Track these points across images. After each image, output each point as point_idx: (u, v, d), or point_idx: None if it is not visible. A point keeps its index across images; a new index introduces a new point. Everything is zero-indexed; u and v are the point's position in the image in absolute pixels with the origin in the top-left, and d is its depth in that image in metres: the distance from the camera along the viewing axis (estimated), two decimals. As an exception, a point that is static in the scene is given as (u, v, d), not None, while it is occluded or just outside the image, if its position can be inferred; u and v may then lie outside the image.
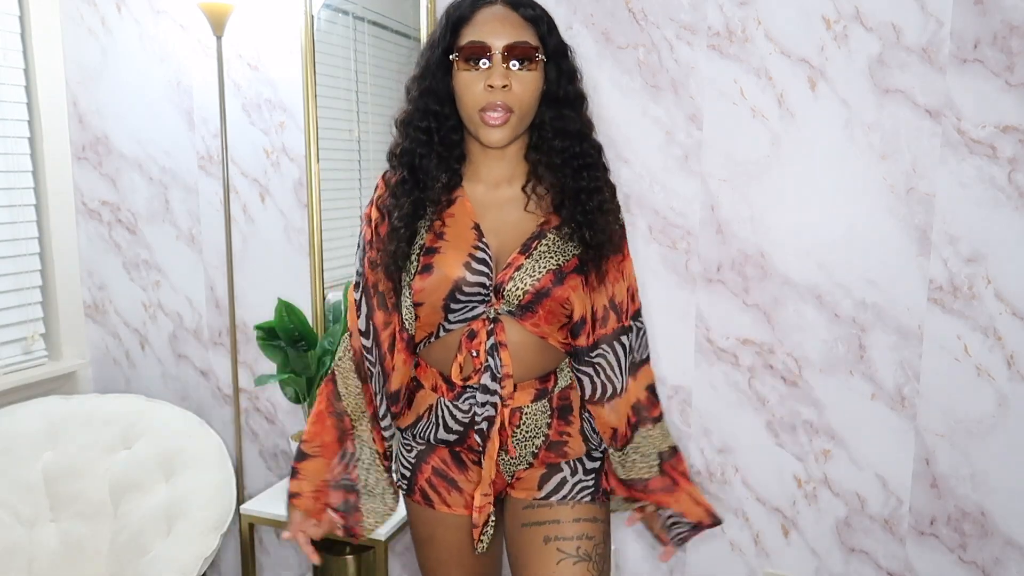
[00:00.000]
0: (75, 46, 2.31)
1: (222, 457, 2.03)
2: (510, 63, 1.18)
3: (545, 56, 1.21)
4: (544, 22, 1.22)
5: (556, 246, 1.24)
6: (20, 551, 1.93)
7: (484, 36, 1.19)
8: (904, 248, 1.67)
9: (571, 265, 1.23)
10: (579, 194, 1.25)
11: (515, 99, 1.19)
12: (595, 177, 1.27)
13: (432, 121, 1.27)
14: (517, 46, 1.18)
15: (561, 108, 1.24)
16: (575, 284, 1.23)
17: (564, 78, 1.24)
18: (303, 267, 2.16)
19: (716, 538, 1.90)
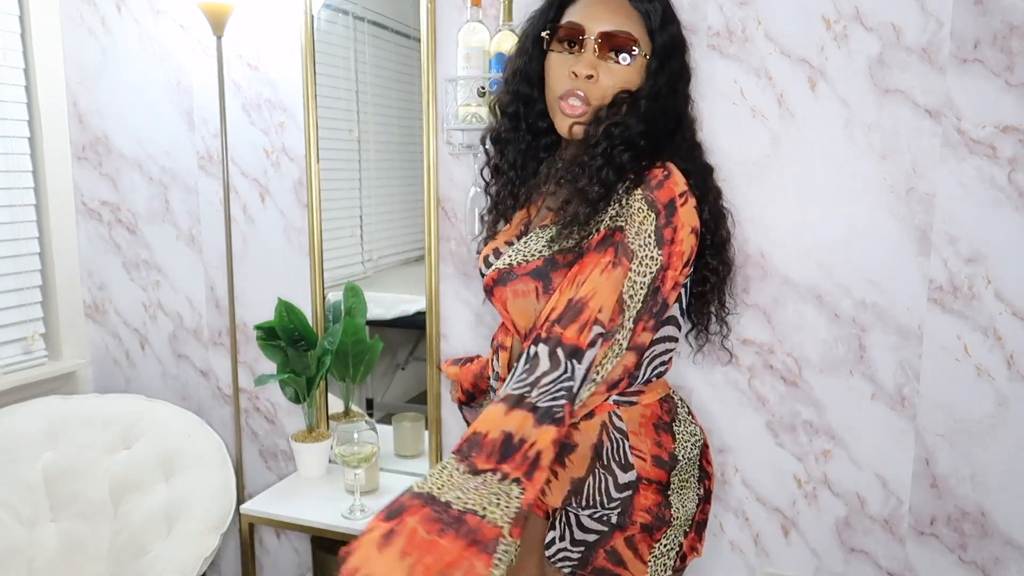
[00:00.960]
0: (75, 46, 2.31)
1: (222, 457, 2.03)
2: (605, 52, 1.09)
3: (650, 52, 1.11)
4: (658, 14, 1.10)
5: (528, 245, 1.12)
6: (20, 551, 1.93)
7: (583, 19, 1.10)
8: (904, 248, 1.67)
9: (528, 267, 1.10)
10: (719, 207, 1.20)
11: (599, 92, 1.10)
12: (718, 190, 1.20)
13: (521, 105, 1.19)
14: (614, 35, 1.09)
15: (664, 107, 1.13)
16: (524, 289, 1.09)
17: (663, 79, 1.12)
18: (303, 267, 2.16)
19: (716, 538, 1.90)
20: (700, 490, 1.19)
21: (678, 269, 1.07)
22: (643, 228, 1.03)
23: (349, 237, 2.22)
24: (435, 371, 2.03)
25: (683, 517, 1.15)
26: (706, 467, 1.22)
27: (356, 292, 2.07)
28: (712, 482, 1.24)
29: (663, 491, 1.12)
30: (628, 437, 1.13)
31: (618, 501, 1.11)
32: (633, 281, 1.03)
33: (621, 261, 1.03)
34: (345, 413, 2.15)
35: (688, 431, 1.20)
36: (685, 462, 1.16)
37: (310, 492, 2.01)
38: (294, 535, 2.29)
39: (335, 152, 2.14)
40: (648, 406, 1.16)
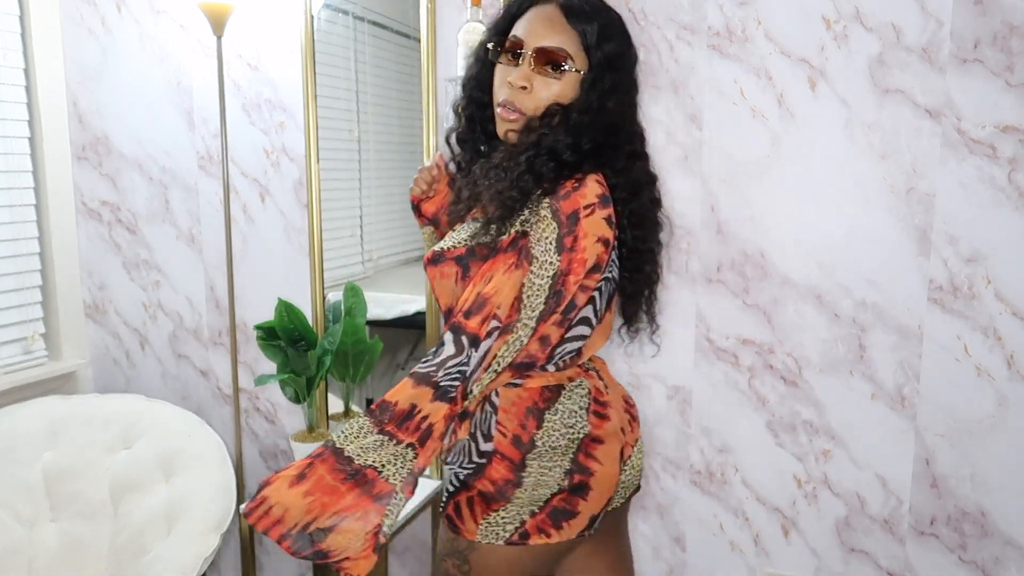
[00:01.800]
0: (75, 46, 2.31)
1: (222, 457, 2.03)
2: (540, 65, 1.18)
3: (586, 68, 1.19)
4: (594, 33, 1.19)
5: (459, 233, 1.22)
6: (20, 551, 1.93)
7: (524, 34, 1.20)
8: (904, 248, 1.67)
9: (454, 253, 1.20)
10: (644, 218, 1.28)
11: (531, 103, 1.19)
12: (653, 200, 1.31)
13: (475, 109, 1.30)
14: (549, 50, 1.18)
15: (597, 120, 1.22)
16: (448, 272, 1.20)
17: (595, 94, 1.20)
18: (303, 267, 2.16)
19: (716, 538, 1.90)
20: (565, 481, 1.23)
21: (580, 274, 1.15)
22: (544, 235, 1.13)
23: (349, 237, 2.22)
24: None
25: (528, 499, 1.22)
26: (583, 462, 1.24)
27: (356, 292, 2.07)
28: (590, 479, 1.25)
29: (514, 469, 1.22)
30: (497, 412, 1.24)
31: (473, 465, 1.24)
32: (532, 283, 1.13)
33: (522, 264, 1.13)
34: (345, 413, 2.15)
35: (563, 422, 1.24)
36: (546, 449, 1.23)
37: (310, 492, 2.01)
38: (294, 535, 2.29)
39: (335, 152, 2.13)
40: (528, 390, 1.25)
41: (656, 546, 1.95)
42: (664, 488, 1.92)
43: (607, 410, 1.29)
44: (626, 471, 1.33)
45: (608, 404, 1.30)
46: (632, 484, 1.37)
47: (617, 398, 1.35)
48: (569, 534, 1.24)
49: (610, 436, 1.27)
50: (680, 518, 1.92)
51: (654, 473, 1.93)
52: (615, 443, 1.28)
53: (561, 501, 1.23)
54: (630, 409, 1.38)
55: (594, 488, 1.25)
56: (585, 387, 1.28)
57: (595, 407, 1.28)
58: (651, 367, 1.89)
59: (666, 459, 1.91)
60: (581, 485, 1.24)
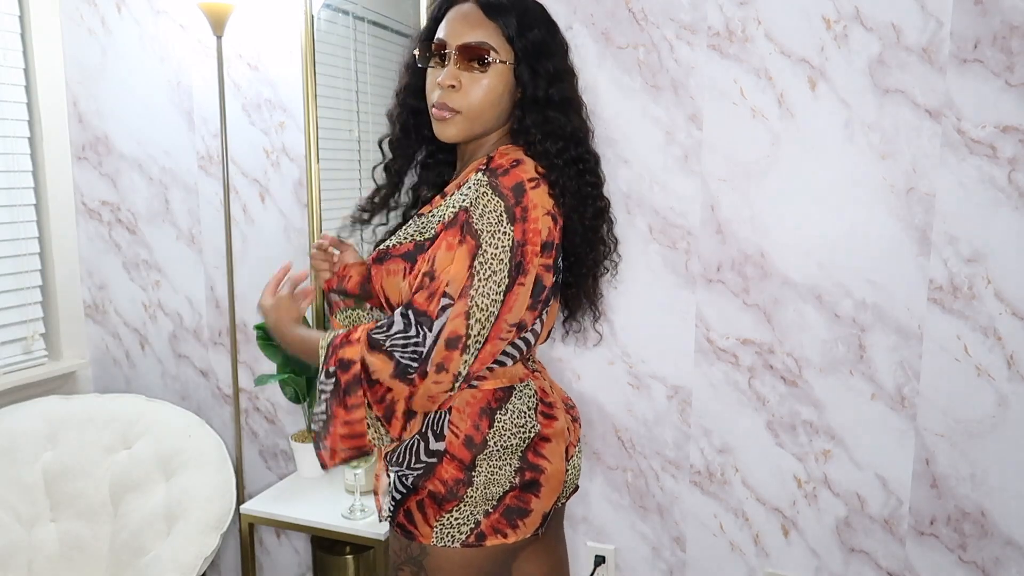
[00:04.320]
0: (75, 46, 2.31)
1: (222, 457, 2.03)
2: (465, 62, 1.20)
3: (513, 58, 1.21)
4: (513, 24, 1.20)
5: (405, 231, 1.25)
6: (20, 551, 1.93)
7: (446, 35, 1.22)
8: (904, 248, 1.67)
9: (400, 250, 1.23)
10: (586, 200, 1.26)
11: (461, 100, 1.21)
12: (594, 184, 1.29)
13: (409, 116, 1.32)
14: (470, 46, 1.19)
15: (545, 111, 1.23)
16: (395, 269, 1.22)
17: (542, 80, 1.21)
18: (303, 267, 2.16)
19: (716, 538, 1.90)
20: (516, 479, 1.25)
21: (537, 245, 1.16)
22: (488, 209, 1.14)
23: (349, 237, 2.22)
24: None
25: (481, 497, 1.22)
26: (533, 460, 1.26)
27: (356, 292, 2.07)
28: (541, 476, 1.26)
29: (464, 469, 1.22)
30: (451, 412, 1.23)
31: (422, 465, 1.23)
32: (487, 256, 1.13)
33: (466, 239, 1.13)
34: (345, 413, 2.14)
35: (513, 422, 1.25)
36: (497, 449, 1.23)
37: (310, 492, 2.01)
38: (294, 535, 2.29)
39: (335, 152, 2.13)
40: (483, 391, 1.25)
41: (656, 546, 1.95)
42: (664, 488, 1.92)
43: (553, 410, 1.31)
44: (569, 471, 1.34)
45: (553, 404, 1.32)
46: (573, 484, 1.37)
47: (559, 399, 1.36)
48: (525, 533, 1.25)
49: (557, 435, 1.30)
50: (680, 518, 1.92)
51: (654, 473, 1.93)
52: (561, 442, 1.30)
53: (514, 499, 1.24)
54: (571, 411, 1.39)
55: (545, 485, 1.26)
56: (532, 388, 1.30)
57: (543, 407, 1.30)
58: (651, 367, 1.89)
59: (666, 459, 1.91)
60: (532, 482, 1.25)
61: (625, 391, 1.92)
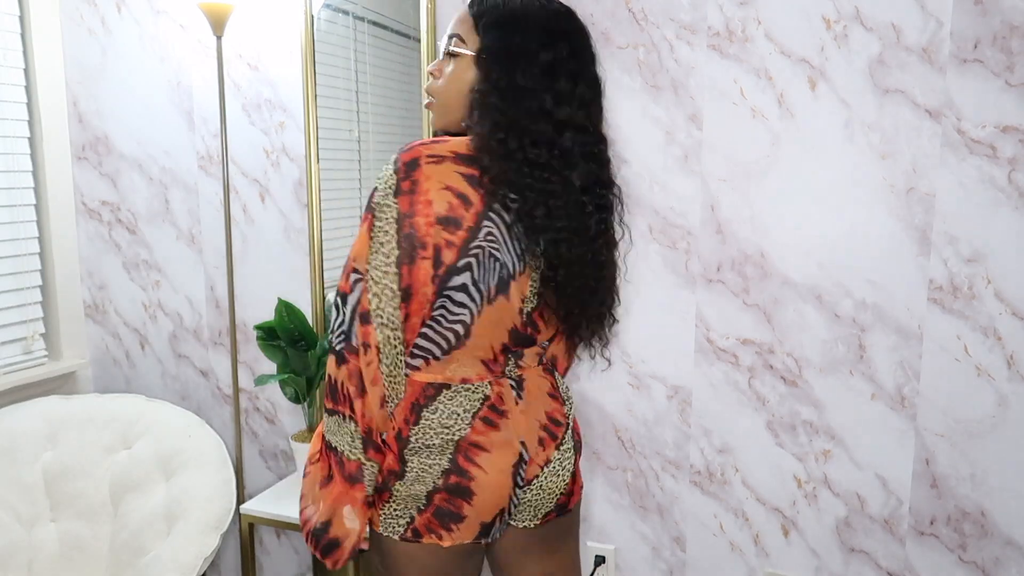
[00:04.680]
0: (75, 46, 2.31)
1: (222, 457, 2.03)
2: (445, 52, 1.26)
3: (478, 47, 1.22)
4: (481, 17, 1.23)
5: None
6: (20, 551, 1.93)
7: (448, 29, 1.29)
8: (904, 248, 1.67)
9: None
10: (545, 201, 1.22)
11: (436, 88, 1.27)
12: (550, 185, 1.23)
13: None
14: (449, 37, 1.26)
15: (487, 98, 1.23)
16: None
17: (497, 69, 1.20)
18: (303, 267, 2.16)
19: (716, 538, 1.90)
20: (441, 480, 1.23)
21: (430, 217, 1.16)
22: (382, 184, 1.18)
23: (349, 237, 2.22)
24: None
25: (408, 493, 1.23)
26: (463, 464, 1.23)
27: (356, 292, 2.07)
28: (471, 483, 1.23)
29: (399, 462, 1.25)
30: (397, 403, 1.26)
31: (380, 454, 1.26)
32: (378, 228, 1.17)
33: (366, 215, 1.19)
34: (345, 413, 2.14)
35: (441, 422, 1.23)
36: (420, 447, 1.23)
37: (310, 492, 2.01)
38: (294, 535, 2.29)
39: (335, 152, 2.13)
40: (414, 384, 1.25)
41: (656, 546, 1.95)
42: (664, 488, 1.92)
43: (500, 420, 1.25)
44: (531, 490, 1.28)
45: (505, 414, 1.26)
46: (545, 506, 1.31)
47: (527, 413, 1.28)
48: (461, 538, 1.24)
49: (497, 446, 1.24)
50: (680, 518, 1.92)
51: (654, 473, 1.93)
52: (504, 454, 1.25)
53: (443, 501, 1.23)
54: (550, 427, 1.30)
55: (477, 494, 1.23)
56: (481, 392, 1.25)
57: (486, 413, 1.25)
58: (651, 367, 1.89)
59: (666, 459, 1.91)
60: (460, 488, 1.23)
61: (625, 391, 1.92)
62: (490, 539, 1.28)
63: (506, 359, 1.27)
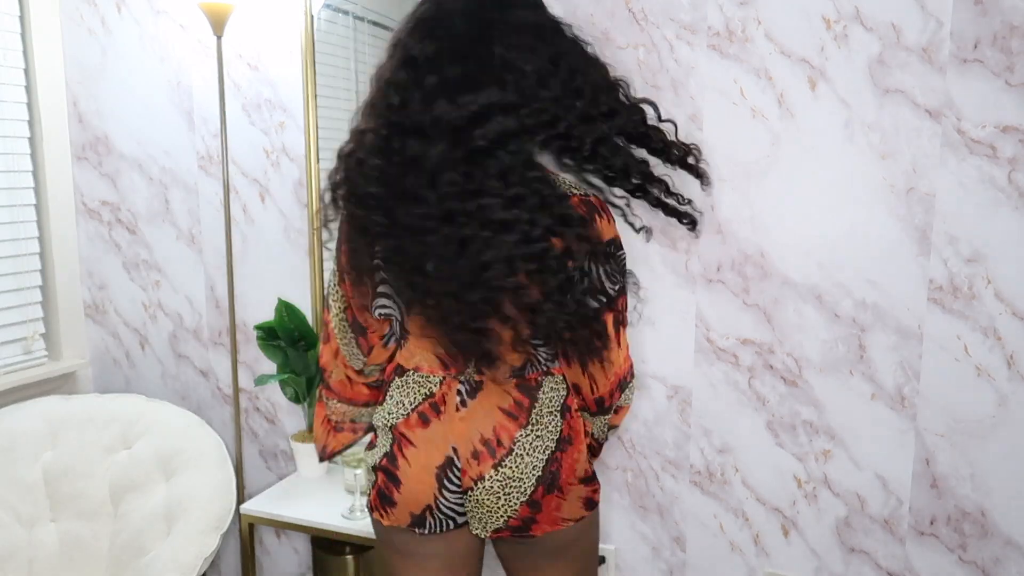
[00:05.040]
0: (75, 46, 2.31)
1: (222, 457, 2.03)
2: None
3: None
4: None
5: None
6: (20, 551, 1.93)
7: None
8: (904, 248, 1.67)
9: None
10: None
11: None
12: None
13: None
14: None
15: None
16: None
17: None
18: (303, 267, 2.16)
19: (716, 538, 1.90)
20: (381, 460, 1.29)
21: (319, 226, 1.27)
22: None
23: (349, 237, 2.22)
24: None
25: (368, 466, 1.32)
26: (395, 452, 1.27)
27: (356, 292, 2.07)
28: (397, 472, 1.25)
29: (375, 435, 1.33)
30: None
31: None
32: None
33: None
34: (345, 413, 2.14)
35: (389, 406, 1.29)
36: (378, 425, 1.31)
37: (310, 492, 2.01)
38: (294, 535, 2.29)
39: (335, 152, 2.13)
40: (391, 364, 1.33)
41: (656, 546, 1.95)
42: (664, 488, 1.92)
43: (433, 419, 1.24)
44: (470, 500, 1.25)
45: (441, 414, 1.24)
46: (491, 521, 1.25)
47: (467, 420, 1.24)
48: (395, 521, 1.27)
49: (423, 443, 1.24)
50: (680, 518, 1.92)
51: (654, 473, 1.93)
52: (429, 453, 1.24)
53: (383, 482, 1.28)
54: (491, 442, 1.23)
55: (403, 483, 1.25)
56: (428, 388, 1.25)
57: (424, 408, 1.25)
58: (651, 367, 1.89)
59: (666, 459, 1.91)
60: (391, 473, 1.26)
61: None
62: (427, 531, 1.27)
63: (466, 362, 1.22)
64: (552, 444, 1.25)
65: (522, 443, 1.23)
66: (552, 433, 1.25)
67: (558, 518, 1.27)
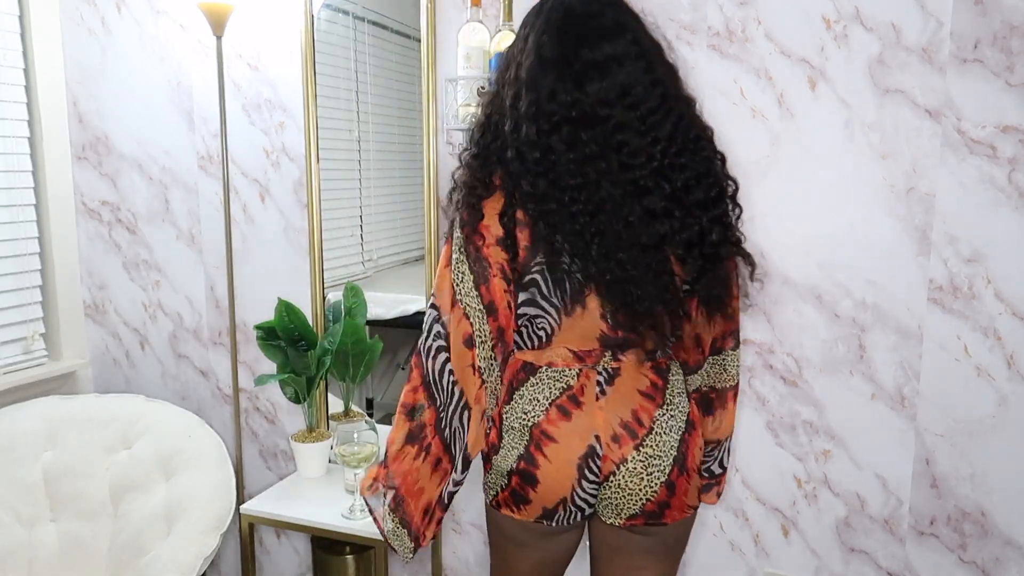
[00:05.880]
0: (75, 46, 2.31)
1: (222, 457, 2.03)
2: None
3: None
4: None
5: None
6: (20, 551, 1.93)
7: None
8: (904, 248, 1.67)
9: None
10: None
11: None
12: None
13: None
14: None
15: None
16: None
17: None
18: (303, 267, 2.16)
19: (716, 538, 1.90)
20: (515, 464, 1.28)
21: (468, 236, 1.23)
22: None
23: (349, 237, 2.22)
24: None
25: (497, 469, 1.30)
26: (533, 452, 1.27)
27: (356, 292, 2.07)
28: (537, 471, 1.26)
29: (498, 437, 1.31)
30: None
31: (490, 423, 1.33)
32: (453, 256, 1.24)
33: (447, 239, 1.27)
34: (345, 413, 2.15)
35: (523, 406, 1.28)
36: (508, 427, 1.29)
37: (310, 492, 2.01)
38: (294, 535, 2.29)
39: (335, 152, 2.14)
40: (514, 361, 1.31)
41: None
42: (664, 488, 1.92)
43: (575, 410, 1.25)
44: (609, 487, 1.26)
45: (582, 406, 1.25)
46: (628, 507, 1.27)
47: (606, 408, 1.26)
48: (527, 516, 1.29)
49: (566, 436, 1.25)
50: (680, 518, 1.92)
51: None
52: (572, 445, 1.25)
53: (517, 483, 1.28)
54: (631, 424, 1.26)
55: (541, 482, 1.26)
56: (565, 381, 1.27)
57: (563, 401, 1.26)
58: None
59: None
60: (528, 474, 1.27)
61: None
62: (555, 524, 1.29)
63: (603, 351, 1.27)
64: (683, 425, 1.30)
65: (660, 422, 1.28)
66: (683, 413, 1.31)
67: (685, 504, 1.30)
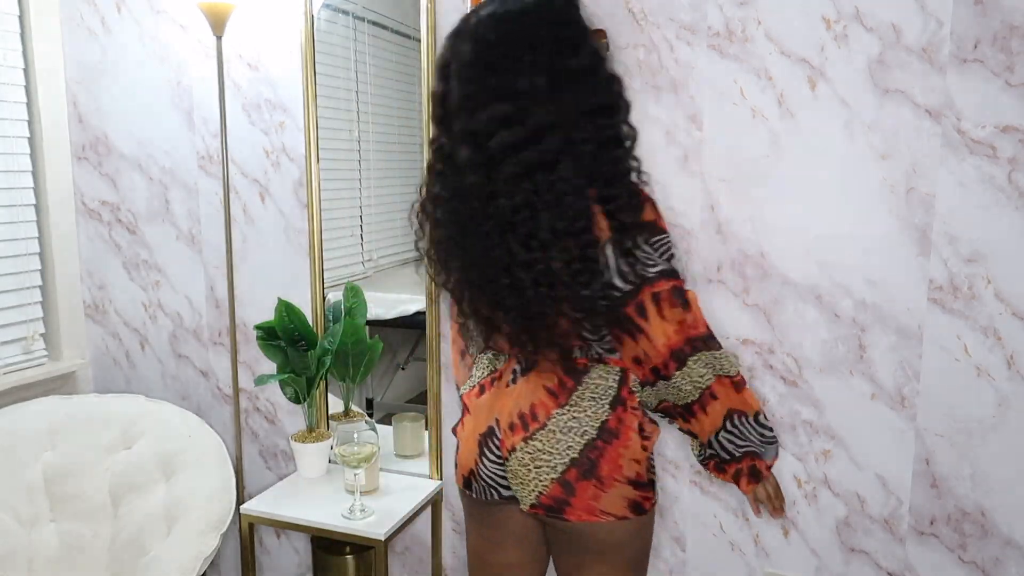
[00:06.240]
0: (75, 46, 2.31)
1: (222, 457, 2.03)
2: None
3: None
4: None
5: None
6: (20, 551, 1.93)
7: None
8: (904, 248, 1.67)
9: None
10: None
11: None
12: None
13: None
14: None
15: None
16: None
17: None
18: (303, 267, 2.16)
19: (716, 538, 1.90)
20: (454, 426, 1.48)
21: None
22: None
23: (349, 237, 2.22)
24: (435, 371, 2.03)
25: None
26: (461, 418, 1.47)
27: (356, 292, 2.07)
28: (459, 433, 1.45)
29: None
30: None
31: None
32: None
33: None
34: (345, 413, 2.15)
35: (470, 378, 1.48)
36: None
37: (310, 492, 2.01)
38: (294, 535, 2.29)
39: (335, 152, 2.14)
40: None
41: (656, 546, 1.94)
42: (664, 488, 1.92)
43: (490, 389, 1.38)
44: (508, 466, 1.32)
45: (495, 387, 1.37)
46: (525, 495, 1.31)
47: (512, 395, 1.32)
48: (457, 482, 1.44)
49: (474, 412, 1.39)
50: (680, 518, 1.92)
51: (654, 473, 1.92)
52: (476, 421, 1.38)
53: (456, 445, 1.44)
54: (526, 416, 1.30)
55: (459, 450, 1.42)
56: (494, 363, 1.39)
57: (485, 381, 1.39)
58: (651, 367, 1.89)
59: (666, 459, 1.91)
60: (457, 439, 1.44)
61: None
62: (474, 495, 1.40)
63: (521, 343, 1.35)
64: (593, 431, 1.28)
65: (556, 420, 1.29)
66: (593, 419, 1.28)
67: (595, 508, 1.28)
